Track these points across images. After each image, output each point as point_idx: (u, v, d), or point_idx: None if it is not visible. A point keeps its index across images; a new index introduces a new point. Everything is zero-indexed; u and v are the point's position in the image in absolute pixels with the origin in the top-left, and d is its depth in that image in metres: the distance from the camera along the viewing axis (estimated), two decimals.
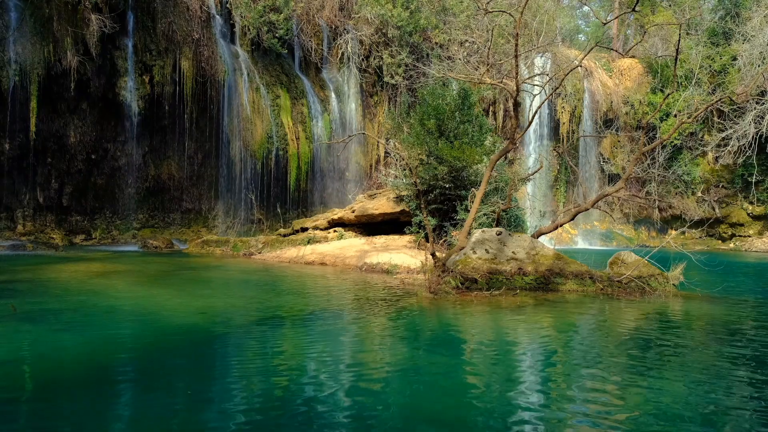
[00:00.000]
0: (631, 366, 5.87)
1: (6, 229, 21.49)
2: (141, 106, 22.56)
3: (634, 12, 27.77)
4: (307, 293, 11.09)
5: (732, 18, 28.70)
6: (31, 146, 21.01)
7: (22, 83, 20.12)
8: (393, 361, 6.04)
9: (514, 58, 10.91)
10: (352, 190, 26.43)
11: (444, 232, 16.16)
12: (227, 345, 6.68)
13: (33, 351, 6.18)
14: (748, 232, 29.06)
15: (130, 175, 23.78)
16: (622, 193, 18.49)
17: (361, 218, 19.32)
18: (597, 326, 8.24)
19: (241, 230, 24.51)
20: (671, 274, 11.24)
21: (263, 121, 24.71)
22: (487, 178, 11.52)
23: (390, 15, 26.34)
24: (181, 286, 11.57)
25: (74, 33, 20.47)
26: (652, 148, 16.03)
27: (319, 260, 16.61)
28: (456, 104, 17.56)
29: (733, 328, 8.12)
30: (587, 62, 30.05)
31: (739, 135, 25.18)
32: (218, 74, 23.83)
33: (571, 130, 30.25)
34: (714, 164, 29.58)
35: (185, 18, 23.27)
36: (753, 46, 26.06)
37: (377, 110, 28.45)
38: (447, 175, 16.39)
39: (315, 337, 7.10)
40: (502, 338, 7.34)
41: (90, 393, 4.86)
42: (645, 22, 32.64)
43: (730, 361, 6.14)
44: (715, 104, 17.08)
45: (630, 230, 30.62)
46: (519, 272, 11.09)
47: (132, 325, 7.72)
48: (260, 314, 8.63)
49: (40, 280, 11.68)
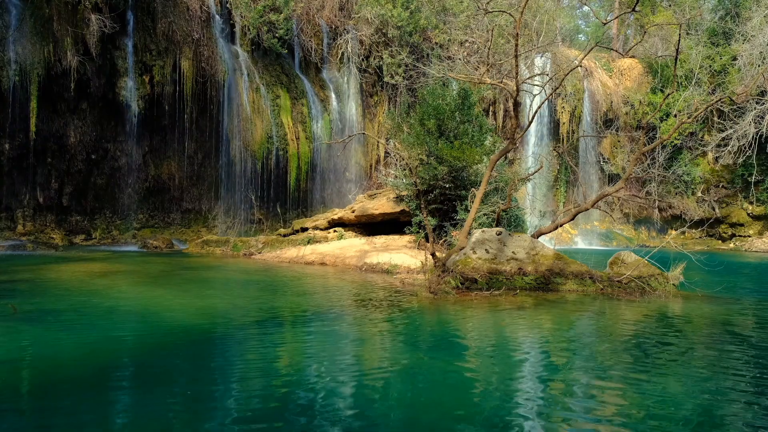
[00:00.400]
0: (631, 366, 5.88)
1: (6, 229, 21.49)
2: (141, 106, 22.56)
3: (634, 12, 27.74)
4: (307, 293, 11.09)
5: (732, 18, 28.70)
6: (31, 146, 21.00)
7: (22, 83, 20.12)
8: (393, 361, 6.04)
9: (514, 58, 10.91)
10: (352, 190, 26.43)
11: (444, 232, 16.16)
12: (227, 345, 6.68)
13: (33, 351, 6.18)
14: (748, 232, 29.06)
15: (130, 175, 23.77)
16: (622, 193, 18.50)
17: (361, 218, 19.32)
18: (597, 326, 8.24)
19: (241, 230, 24.51)
20: (671, 274, 11.24)
21: (263, 121, 24.71)
22: (487, 178, 11.52)
23: (390, 15, 26.34)
24: (182, 286, 11.57)
25: (74, 33, 20.47)
26: (652, 148, 16.04)
27: (319, 260, 16.62)
28: (456, 104, 17.57)
29: (733, 328, 8.12)
30: (587, 62, 30.05)
31: (739, 135, 25.18)
32: (218, 74, 23.83)
33: (571, 130, 30.25)
34: (714, 164, 29.59)
35: (185, 18, 23.26)
36: (753, 46, 26.05)
37: (377, 110, 28.45)
38: (447, 175, 16.39)
39: (315, 337, 7.10)
40: (502, 338, 7.34)
41: (90, 393, 4.86)
42: (645, 22, 32.63)
43: (730, 361, 6.14)
44: (715, 104, 17.12)
45: (630, 230, 30.62)
46: (519, 272, 11.09)
47: (132, 326, 7.72)
48: (260, 314, 8.63)
49: (40, 280, 11.68)
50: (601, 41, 31.33)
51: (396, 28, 26.60)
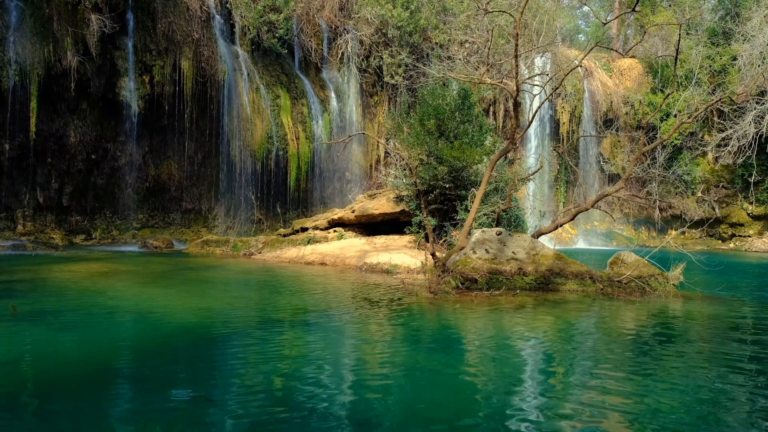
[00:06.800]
0: (631, 366, 5.87)
1: (6, 229, 21.48)
2: (141, 106, 22.56)
3: (634, 12, 27.74)
4: (307, 293, 11.08)
5: (732, 18, 28.69)
6: (31, 146, 20.99)
7: (22, 83, 20.12)
8: (393, 361, 6.04)
9: (514, 58, 10.91)
10: (352, 190, 26.42)
11: (444, 232, 16.16)
12: (227, 345, 6.67)
13: (33, 351, 6.18)
14: (748, 232, 29.06)
15: (130, 175, 23.77)
16: (622, 193, 18.50)
17: (361, 218, 19.32)
18: (597, 326, 8.24)
19: (241, 230, 24.50)
20: (671, 274, 11.24)
21: (263, 121, 24.71)
22: (487, 178, 11.51)
23: (390, 15, 26.34)
24: (182, 286, 11.57)
25: (74, 33, 20.47)
26: (652, 148, 16.03)
27: (319, 260, 16.61)
28: (456, 104, 17.56)
29: (733, 328, 8.12)
30: (587, 62, 30.05)
31: (739, 135, 25.17)
32: (218, 74, 23.82)
33: (571, 130, 30.25)
34: (714, 164, 29.58)
35: (185, 18, 23.26)
36: (753, 46, 26.05)
37: (377, 110, 28.45)
38: (447, 175, 16.39)
39: (315, 337, 7.10)
40: (502, 338, 7.34)
41: (90, 393, 4.86)
42: (645, 22, 32.63)
43: (731, 361, 6.13)
44: (715, 104, 17.10)
45: (630, 230, 30.62)
46: (519, 272, 11.09)
47: (132, 325, 7.72)
48: (260, 314, 8.63)
49: (40, 280, 11.67)
50: (601, 41, 31.36)
51: (396, 28, 26.59)
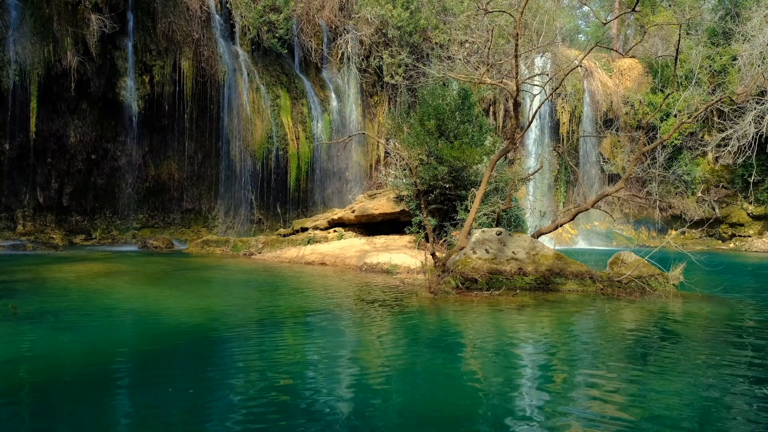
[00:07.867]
0: (631, 366, 5.88)
1: (6, 229, 21.48)
2: (141, 106, 22.56)
3: (634, 12, 27.74)
4: (307, 293, 11.08)
5: (732, 18, 28.69)
6: (31, 146, 20.99)
7: (22, 83, 20.12)
8: (393, 361, 6.04)
9: (514, 58, 10.91)
10: (352, 190, 26.42)
11: (444, 232, 16.16)
12: (227, 345, 6.67)
13: (33, 351, 6.18)
14: (748, 232, 29.05)
15: (130, 175, 23.77)
16: (622, 193, 18.50)
17: (361, 218, 19.32)
18: (597, 326, 8.24)
19: (241, 230, 24.50)
20: (671, 274, 11.24)
21: (263, 121, 24.71)
22: (487, 178, 11.51)
23: (390, 15, 26.34)
24: (182, 286, 11.57)
25: (74, 33, 20.46)
26: (652, 148, 16.03)
27: (319, 260, 16.61)
28: (456, 104, 17.56)
29: (733, 328, 8.12)
30: (587, 62, 30.04)
31: (739, 135, 25.18)
32: (218, 74, 23.82)
33: (571, 130, 30.25)
34: (714, 164, 29.58)
35: (185, 18, 23.26)
36: (753, 46, 26.05)
37: (377, 110, 28.45)
38: (447, 175, 16.39)
39: (315, 337, 7.10)
40: (502, 338, 7.34)
41: (90, 393, 4.86)
42: (645, 22, 32.63)
43: (731, 361, 6.13)
44: (715, 104, 17.10)
45: (630, 230, 30.62)
46: (519, 272, 11.08)
47: (132, 325, 7.72)
48: (260, 314, 8.63)
49: (40, 280, 11.67)
50: (601, 41, 31.37)
51: (396, 28, 26.59)
